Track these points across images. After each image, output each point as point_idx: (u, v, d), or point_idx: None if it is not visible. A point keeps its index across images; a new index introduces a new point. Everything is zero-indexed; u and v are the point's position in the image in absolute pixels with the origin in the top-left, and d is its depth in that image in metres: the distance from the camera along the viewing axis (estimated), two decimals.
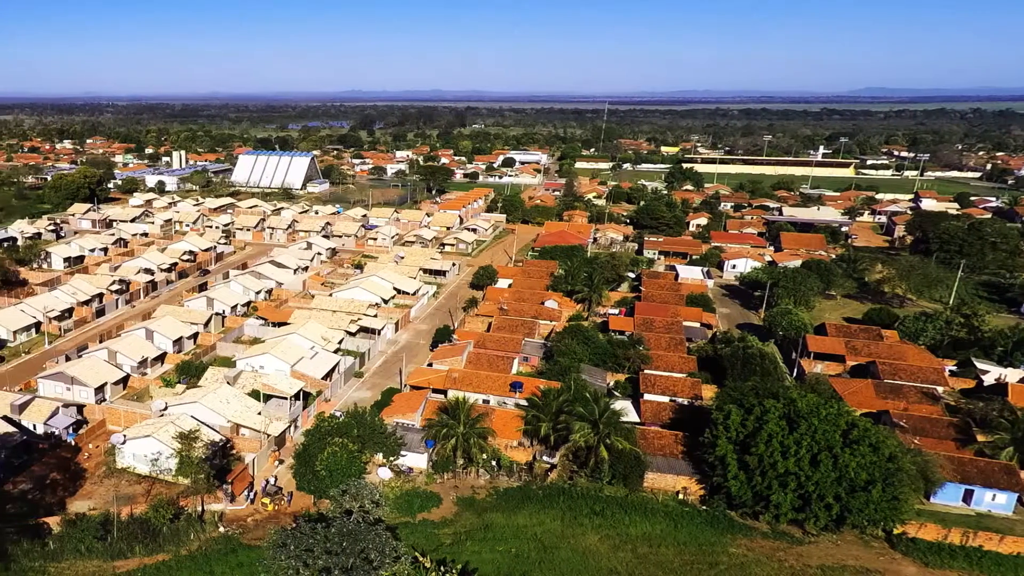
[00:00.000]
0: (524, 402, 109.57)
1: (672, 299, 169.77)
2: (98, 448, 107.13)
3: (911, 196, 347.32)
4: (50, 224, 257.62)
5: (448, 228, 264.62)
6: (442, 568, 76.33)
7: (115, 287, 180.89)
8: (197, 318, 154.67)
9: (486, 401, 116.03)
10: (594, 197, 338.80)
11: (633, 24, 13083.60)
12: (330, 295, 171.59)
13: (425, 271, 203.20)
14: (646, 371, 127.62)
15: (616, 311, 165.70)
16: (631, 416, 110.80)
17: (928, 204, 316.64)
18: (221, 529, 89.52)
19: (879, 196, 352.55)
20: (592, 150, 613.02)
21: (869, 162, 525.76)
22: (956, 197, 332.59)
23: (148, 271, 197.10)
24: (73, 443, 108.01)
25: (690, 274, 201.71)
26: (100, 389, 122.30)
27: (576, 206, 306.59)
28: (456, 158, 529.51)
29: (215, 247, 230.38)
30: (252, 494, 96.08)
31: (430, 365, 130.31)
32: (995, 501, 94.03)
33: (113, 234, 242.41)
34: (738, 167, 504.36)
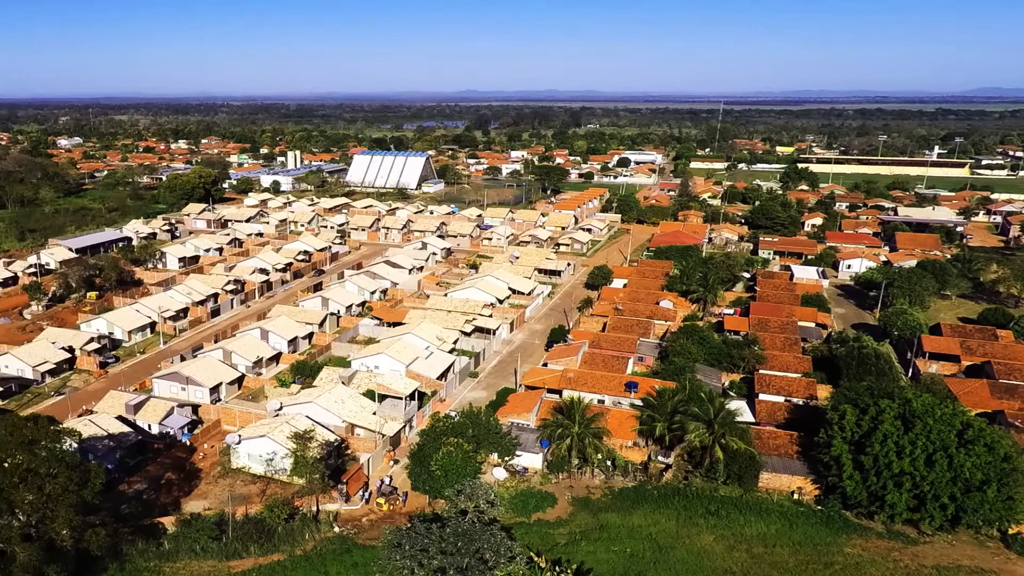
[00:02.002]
0: (639, 402, 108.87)
1: (787, 299, 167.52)
2: (213, 448, 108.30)
3: None
4: (165, 224, 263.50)
5: (563, 228, 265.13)
6: (557, 568, 76.25)
7: (230, 287, 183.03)
8: (312, 318, 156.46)
9: (601, 401, 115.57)
10: (709, 197, 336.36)
11: (748, 24, 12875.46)
12: (445, 295, 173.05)
13: (540, 271, 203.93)
14: (761, 371, 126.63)
15: (731, 311, 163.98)
16: (746, 416, 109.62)
17: None
18: (336, 529, 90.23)
19: (994, 196, 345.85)
20: (707, 150, 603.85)
21: (984, 162, 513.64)
22: None
23: (263, 271, 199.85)
24: (188, 443, 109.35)
25: (805, 274, 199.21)
26: (215, 389, 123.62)
27: (691, 206, 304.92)
28: (571, 158, 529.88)
29: (330, 247, 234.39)
30: (367, 494, 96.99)
31: (545, 365, 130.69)
32: None
33: (228, 234, 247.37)
34: (853, 167, 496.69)
